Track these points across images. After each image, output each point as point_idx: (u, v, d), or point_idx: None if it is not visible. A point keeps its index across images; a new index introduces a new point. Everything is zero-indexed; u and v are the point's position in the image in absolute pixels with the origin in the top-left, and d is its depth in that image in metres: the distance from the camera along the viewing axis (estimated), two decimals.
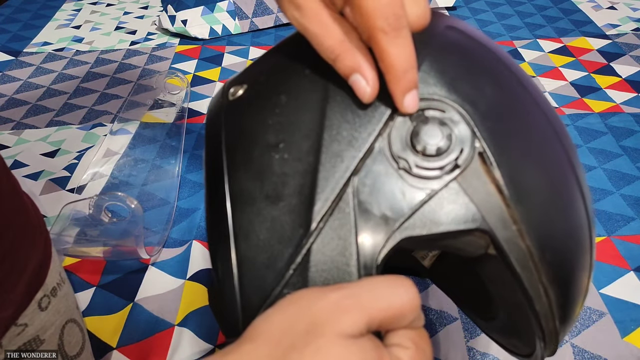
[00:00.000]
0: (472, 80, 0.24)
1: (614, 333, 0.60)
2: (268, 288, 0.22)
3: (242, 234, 0.23)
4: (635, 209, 0.76)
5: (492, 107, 0.24)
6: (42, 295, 0.38)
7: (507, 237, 0.22)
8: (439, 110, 0.23)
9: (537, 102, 0.26)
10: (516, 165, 0.23)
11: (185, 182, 0.82)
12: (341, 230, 0.22)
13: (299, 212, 0.22)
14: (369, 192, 0.22)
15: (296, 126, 0.23)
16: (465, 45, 0.26)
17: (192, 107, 1.00)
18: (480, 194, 0.22)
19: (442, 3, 1.35)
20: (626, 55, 1.14)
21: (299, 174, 0.23)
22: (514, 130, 0.24)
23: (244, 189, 0.23)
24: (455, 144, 0.23)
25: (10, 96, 1.05)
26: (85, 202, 0.66)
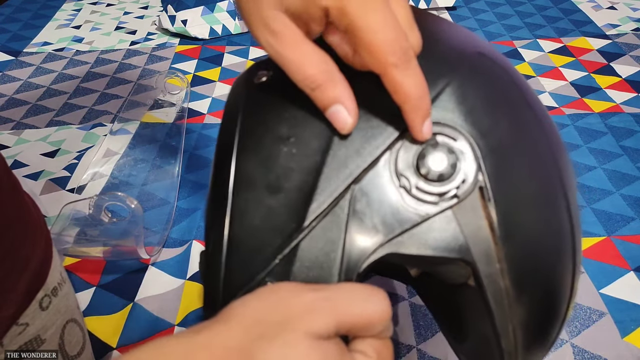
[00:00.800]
0: (490, 113, 0.24)
1: (614, 333, 0.60)
2: (252, 272, 0.23)
3: (238, 214, 0.23)
4: (635, 209, 0.76)
5: (503, 144, 0.24)
6: (43, 294, 0.38)
7: (489, 273, 0.23)
8: (450, 137, 0.23)
9: (548, 141, 0.26)
10: (512, 205, 0.23)
11: (185, 182, 0.82)
12: (331, 233, 0.22)
13: (295, 207, 0.23)
14: (365, 203, 0.23)
15: (310, 124, 0.23)
16: (491, 75, 0.26)
17: (192, 107, 1.00)
18: (471, 227, 0.23)
19: (442, 3, 1.35)
20: (626, 55, 1.14)
21: (303, 171, 0.23)
22: (518, 170, 0.24)
23: (249, 173, 0.24)
24: (458, 174, 0.23)
25: (10, 96, 1.05)
26: (85, 202, 0.66)
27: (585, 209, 0.76)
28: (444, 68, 0.24)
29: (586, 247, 0.70)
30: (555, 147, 0.26)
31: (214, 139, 0.99)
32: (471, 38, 0.28)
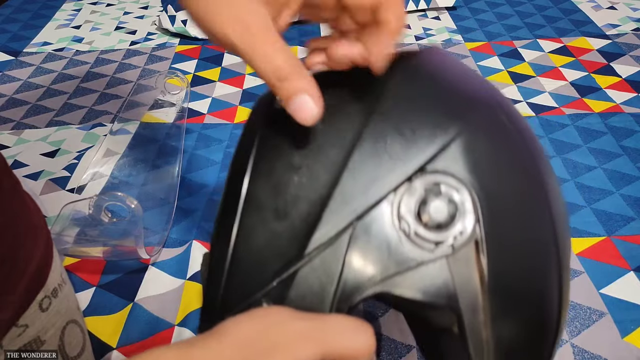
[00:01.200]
0: (496, 170, 0.25)
1: (614, 333, 0.60)
2: (250, 290, 0.24)
3: (244, 234, 0.24)
4: (635, 209, 0.76)
5: (503, 201, 0.24)
6: (43, 296, 0.38)
7: (473, 324, 0.23)
8: (454, 188, 0.24)
9: (548, 199, 0.26)
10: (504, 261, 0.24)
11: (185, 182, 0.82)
12: (329, 265, 0.23)
13: (298, 235, 0.23)
14: (365, 240, 0.23)
15: (322, 156, 0.24)
16: (503, 132, 0.26)
17: (192, 107, 1.00)
18: (462, 277, 0.23)
19: (442, 3, 1.35)
20: (626, 55, 1.14)
21: (310, 202, 0.24)
22: (515, 228, 0.25)
23: (258, 196, 0.25)
24: (457, 225, 0.24)
25: (10, 96, 1.05)
26: (85, 202, 0.66)
27: (585, 209, 0.76)
28: (458, 116, 0.25)
29: (586, 247, 0.70)
30: (555, 205, 0.27)
31: (214, 139, 0.99)
32: (489, 89, 0.28)
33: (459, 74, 0.28)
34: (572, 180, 0.82)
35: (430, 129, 0.24)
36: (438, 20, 1.33)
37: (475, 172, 0.24)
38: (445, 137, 0.24)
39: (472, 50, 1.19)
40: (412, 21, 1.32)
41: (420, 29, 1.29)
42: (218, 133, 0.93)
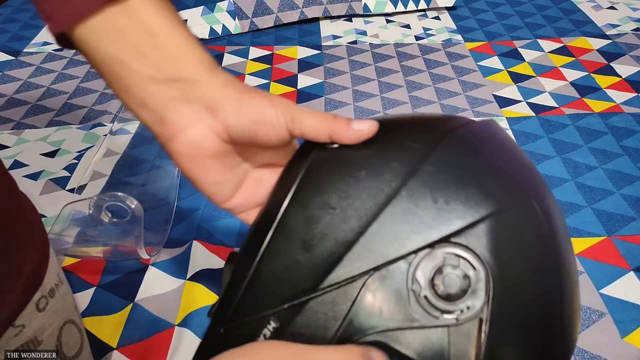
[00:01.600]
0: (517, 258, 0.25)
1: (614, 333, 0.60)
2: (261, 307, 0.25)
3: (269, 255, 0.26)
4: (636, 209, 0.76)
5: (517, 290, 0.25)
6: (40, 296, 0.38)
7: None
8: (471, 265, 0.25)
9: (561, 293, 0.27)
10: (504, 344, 0.25)
11: (185, 182, 0.81)
12: (338, 304, 0.25)
13: (317, 269, 0.25)
14: (377, 290, 0.25)
15: (357, 203, 0.26)
16: (534, 224, 0.26)
17: None
18: (459, 349, 0.24)
19: (442, 3, 1.35)
20: (626, 55, 1.14)
21: (335, 242, 0.25)
22: (522, 317, 0.25)
23: (290, 224, 0.26)
24: (466, 301, 0.24)
25: (10, 96, 1.05)
26: (85, 202, 0.66)
27: (586, 209, 0.76)
28: (494, 198, 0.25)
29: (586, 247, 0.70)
30: (567, 302, 0.27)
31: None
32: (532, 176, 0.29)
33: (507, 155, 0.29)
34: (572, 180, 0.82)
35: (464, 204, 0.25)
36: (438, 20, 1.33)
37: (496, 255, 0.25)
38: (476, 215, 0.25)
39: (472, 50, 1.19)
40: (412, 21, 1.32)
41: (420, 29, 1.29)
42: None
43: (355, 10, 1.32)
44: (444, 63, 1.14)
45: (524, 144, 0.89)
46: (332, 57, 1.17)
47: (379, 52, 1.19)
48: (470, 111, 0.98)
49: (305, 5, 1.29)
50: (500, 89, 1.05)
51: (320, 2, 1.30)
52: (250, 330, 0.26)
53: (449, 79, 1.08)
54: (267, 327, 0.25)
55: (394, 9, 1.33)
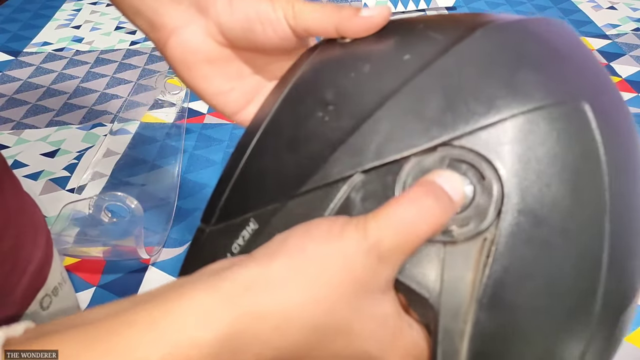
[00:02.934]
0: (550, 174, 0.20)
1: None
2: (246, 207, 0.24)
3: (257, 153, 0.24)
4: None
5: (542, 211, 0.20)
6: (44, 294, 0.38)
7: (449, 329, 0.20)
8: (481, 174, 0.20)
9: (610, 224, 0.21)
10: (511, 279, 0.20)
11: (185, 182, 0.82)
12: (316, 207, 0.22)
13: (302, 170, 0.22)
14: (362, 195, 0.21)
15: (354, 99, 0.22)
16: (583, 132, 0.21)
17: (192, 107, 1.00)
18: (454, 275, 0.20)
19: (442, 3, 1.35)
20: (626, 55, 1.14)
21: (324, 142, 0.22)
22: (544, 244, 0.20)
23: (281, 122, 0.24)
24: (469, 217, 0.20)
25: (10, 96, 1.05)
26: (85, 202, 0.67)
27: None
28: (526, 95, 0.20)
29: None
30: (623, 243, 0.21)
31: (214, 139, 0.99)
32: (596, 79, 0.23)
33: (561, 51, 0.23)
34: None
35: (485, 101, 0.20)
36: None
37: (517, 166, 0.20)
38: (497, 115, 0.20)
39: None
40: None
41: None
42: (218, 133, 0.93)
43: None
44: None
45: None
46: None
47: None
48: None
49: None
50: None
51: (320, 2, 1.30)
52: (231, 231, 0.24)
53: None
54: (247, 228, 0.23)
55: (394, 9, 1.33)
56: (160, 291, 0.18)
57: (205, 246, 0.25)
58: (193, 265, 0.23)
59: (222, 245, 0.24)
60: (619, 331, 0.23)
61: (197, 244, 0.26)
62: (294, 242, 0.19)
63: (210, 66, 0.27)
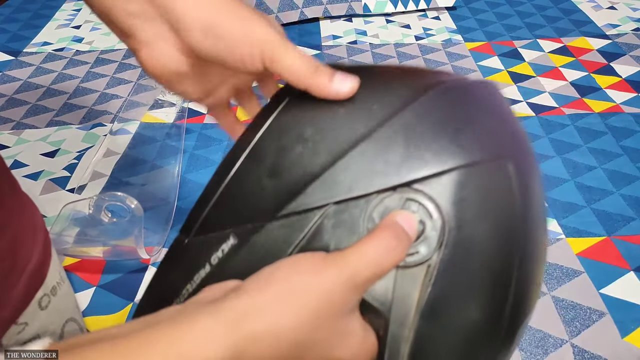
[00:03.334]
0: (478, 215, 0.25)
1: (614, 333, 0.60)
2: (226, 223, 0.27)
3: (239, 175, 0.27)
4: (635, 209, 0.76)
5: (472, 246, 0.25)
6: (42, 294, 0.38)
7: (396, 335, 0.25)
8: (429, 213, 0.25)
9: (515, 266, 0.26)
10: (447, 298, 0.25)
11: (185, 182, 0.82)
12: (293, 233, 0.25)
13: (280, 197, 0.26)
14: (333, 223, 0.25)
15: (330, 138, 0.26)
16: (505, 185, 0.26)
17: (192, 107, 1.00)
18: (403, 292, 0.25)
19: (442, 3, 1.35)
20: (626, 55, 1.14)
21: (302, 173, 0.26)
22: (473, 271, 0.25)
23: (263, 150, 0.27)
24: (418, 245, 0.25)
25: (10, 96, 1.05)
26: (85, 202, 0.66)
27: (585, 209, 0.76)
28: (465, 151, 0.25)
29: (586, 247, 0.70)
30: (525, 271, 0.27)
31: (214, 139, 0.99)
32: (515, 139, 0.28)
33: (493, 115, 0.28)
34: (572, 180, 0.82)
35: (434, 153, 0.25)
36: (438, 20, 1.33)
37: (456, 207, 0.25)
38: (443, 166, 0.25)
39: (472, 50, 1.19)
40: (412, 21, 1.32)
41: (420, 29, 1.29)
42: (218, 133, 0.93)
43: (355, 10, 1.32)
44: (444, 63, 1.14)
45: None
46: (332, 57, 1.17)
47: (379, 52, 1.19)
48: None
49: (305, 5, 1.29)
50: (501, 89, 1.04)
51: (320, 2, 1.30)
52: (211, 244, 0.27)
53: None
54: (227, 242, 0.26)
55: (394, 9, 1.33)
56: (167, 315, 0.21)
57: (184, 255, 0.28)
58: (170, 273, 0.28)
59: (201, 255, 0.27)
60: (517, 339, 0.28)
61: (175, 253, 0.29)
62: (280, 275, 0.22)
63: (183, 77, 0.28)
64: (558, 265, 0.68)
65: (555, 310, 0.62)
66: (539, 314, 0.61)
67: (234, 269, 0.25)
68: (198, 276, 0.27)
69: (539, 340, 0.59)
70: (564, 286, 0.65)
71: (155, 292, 0.29)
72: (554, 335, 0.60)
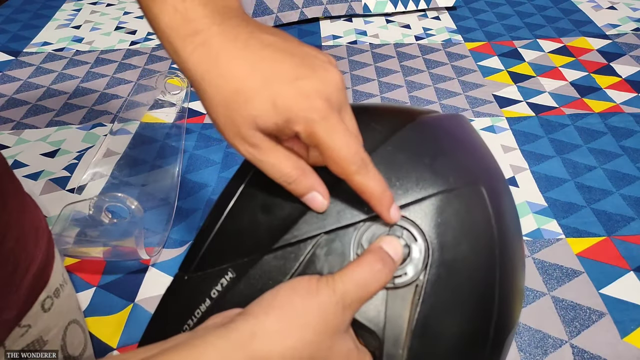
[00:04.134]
0: (458, 237, 0.28)
1: (613, 333, 0.60)
2: (224, 258, 0.28)
3: (234, 213, 0.29)
4: (635, 209, 0.76)
5: (455, 263, 0.27)
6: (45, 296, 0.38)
7: (391, 354, 0.26)
8: (413, 237, 0.27)
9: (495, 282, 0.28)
10: (437, 315, 0.27)
11: (185, 183, 0.82)
12: (288, 262, 0.27)
13: (274, 230, 0.28)
14: (325, 251, 0.27)
15: (318, 175, 0.28)
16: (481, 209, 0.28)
17: (192, 107, 1.00)
18: (394, 312, 0.26)
19: (442, 3, 1.35)
20: (626, 55, 1.14)
21: (293, 208, 0.28)
22: (457, 287, 0.27)
23: (255, 189, 0.29)
24: (405, 267, 0.27)
25: (10, 96, 1.05)
26: (85, 202, 0.66)
27: (585, 209, 0.76)
28: (443, 179, 0.28)
29: (586, 247, 0.71)
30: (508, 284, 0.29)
31: (214, 139, 0.99)
32: (487, 167, 0.31)
33: (464, 144, 0.31)
34: (572, 180, 0.82)
35: (414, 181, 0.28)
36: (438, 20, 1.33)
37: (437, 229, 0.27)
38: (423, 193, 0.28)
39: (472, 50, 1.19)
40: (412, 21, 1.32)
41: (420, 29, 1.29)
42: (218, 133, 0.92)
43: (355, 10, 1.32)
44: (444, 63, 1.14)
45: (524, 144, 0.89)
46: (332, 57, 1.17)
47: (379, 52, 1.19)
48: (470, 111, 0.98)
49: (305, 5, 1.29)
50: (500, 89, 1.05)
51: (320, 2, 1.30)
52: (210, 279, 0.28)
53: (449, 79, 1.09)
54: (225, 277, 0.28)
55: (394, 9, 1.33)
56: (180, 340, 0.23)
57: (185, 291, 0.30)
58: (172, 308, 0.30)
59: (201, 290, 0.28)
60: (507, 347, 0.30)
61: (177, 289, 0.30)
62: (282, 299, 0.24)
63: None
64: (558, 265, 0.68)
65: (555, 310, 0.62)
66: (539, 314, 0.62)
67: (233, 301, 0.27)
68: (199, 310, 0.28)
69: (539, 340, 0.59)
70: (563, 286, 0.65)
71: (158, 326, 0.31)
72: (553, 336, 0.60)
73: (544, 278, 0.66)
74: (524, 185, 0.81)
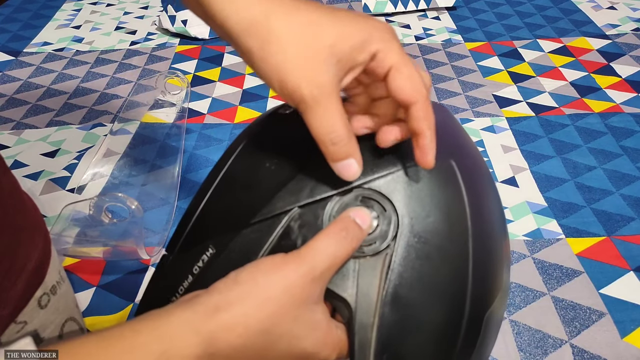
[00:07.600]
0: (428, 209, 0.28)
1: (613, 333, 0.60)
2: (206, 236, 0.30)
3: (216, 193, 0.31)
4: (635, 209, 0.76)
5: (423, 234, 0.28)
6: (42, 293, 0.38)
7: (363, 323, 0.27)
8: (383, 208, 0.28)
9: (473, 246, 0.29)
10: (407, 284, 0.27)
11: (185, 182, 0.82)
12: (265, 234, 0.28)
13: (252, 206, 0.29)
14: (299, 224, 0.28)
15: (293, 157, 0.30)
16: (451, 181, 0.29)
17: (192, 107, 1.00)
18: (365, 280, 0.27)
19: (442, 3, 1.35)
20: (626, 55, 1.14)
21: (270, 185, 0.29)
22: (425, 257, 0.28)
23: (236, 170, 0.31)
24: (375, 238, 0.28)
25: (10, 96, 1.05)
26: (85, 202, 0.66)
27: (585, 209, 0.76)
28: (410, 156, 0.28)
29: (586, 247, 0.71)
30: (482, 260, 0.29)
31: (214, 139, 0.99)
32: (461, 145, 0.32)
33: (442, 126, 0.31)
34: (572, 180, 0.82)
35: (385, 157, 0.29)
36: (438, 20, 1.33)
37: (407, 202, 0.28)
38: (393, 167, 0.29)
39: (472, 50, 1.19)
40: (412, 21, 1.32)
41: (420, 29, 1.29)
42: (218, 133, 0.93)
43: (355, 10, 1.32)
44: (444, 63, 1.14)
45: (524, 144, 0.89)
46: None
47: None
48: (470, 111, 0.98)
49: None
50: (500, 89, 1.05)
51: (320, 2, 1.30)
52: (192, 256, 0.30)
53: (449, 79, 1.09)
54: (206, 253, 0.29)
55: (394, 9, 1.33)
56: (149, 314, 0.24)
57: (169, 270, 0.31)
58: (158, 287, 0.32)
59: (184, 268, 0.30)
60: (488, 332, 0.30)
61: (162, 268, 0.32)
62: (245, 276, 0.25)
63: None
64: (558, 265, 0.68)
65: (555, 310, 0.62)
66: (539, 314, 0.61)
67: (214, 276, 0.27)
68: (182, 287, 0.30)
69: (539, 340, 0.59)
70: (563, 286, 0.65)
71: (146, 305, 0.32)
72: (553, 336, 0.60)
73: (543, 278, 0.66)
74: (524, 185, 0.81)
